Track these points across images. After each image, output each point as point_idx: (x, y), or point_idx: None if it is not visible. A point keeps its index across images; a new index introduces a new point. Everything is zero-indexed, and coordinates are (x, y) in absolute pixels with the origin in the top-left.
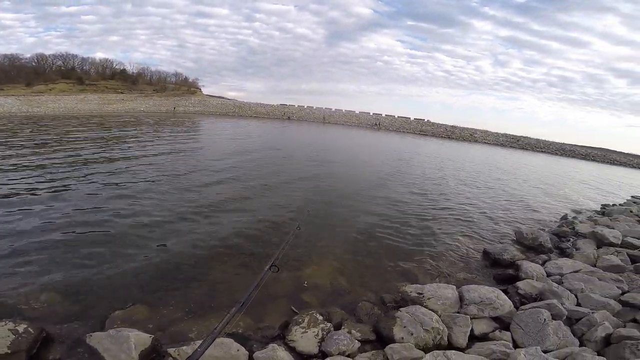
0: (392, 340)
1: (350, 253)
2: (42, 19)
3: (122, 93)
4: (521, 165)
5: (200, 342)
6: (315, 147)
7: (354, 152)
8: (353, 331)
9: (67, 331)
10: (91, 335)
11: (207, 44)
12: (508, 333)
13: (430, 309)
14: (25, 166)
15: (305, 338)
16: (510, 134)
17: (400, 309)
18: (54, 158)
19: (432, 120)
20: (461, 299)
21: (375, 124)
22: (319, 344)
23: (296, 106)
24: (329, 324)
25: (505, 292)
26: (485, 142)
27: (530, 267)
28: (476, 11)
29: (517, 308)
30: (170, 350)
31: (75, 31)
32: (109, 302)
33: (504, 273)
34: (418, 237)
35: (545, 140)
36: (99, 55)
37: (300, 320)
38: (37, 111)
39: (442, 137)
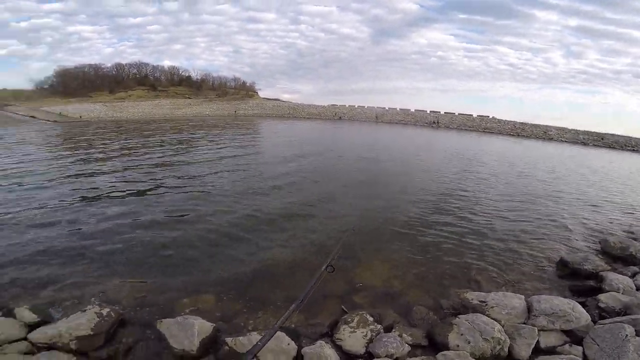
0: (446, 348)
1: (408, 255)
2: (115, 30)
3: (189, 98)
4: (611, 165)
5: (258, 335)
6: (369, 147)
7: (411, 152)
8: (404, 335)
9: (141, 316)
10: (161, 321)
11: (260, 48)
12: (579, 348)
13: (492, 318)
14: (113, 169)
15: (353, 338)
16: (593, 130)
17: (459, 316)
18: (136, 160)
19: (497, 117)
20: (529, 309)
21: (434, 122)
22: (366, 344)
23: (347, 106)
24: (379, 326)
25: (583, 304)
26: (562, 140)
27: (616, 279)
28: (536, 1)
29: (594, 322)
30: (228, 340)
31: (144, 41)
32: (179, 290)
33: (583, 285)
34: (484, 241)
35: (639, 138)
36: (167, 63)
37: (349, 319)
38: (120, 116)
39: (510, 134)
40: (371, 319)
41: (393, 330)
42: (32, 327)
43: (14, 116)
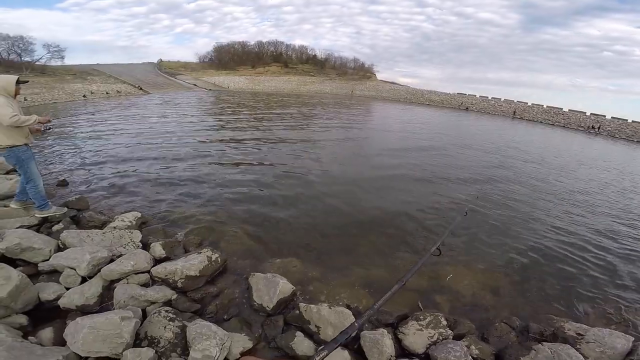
0: None
1: (511, 265)
2: (257, 11)
3: (313, 76)
4: None
5: (328, 307)
6: (502, 146)
7: (556, 161)
8: (472, 347)
9: (241, 266)
10: (254, 275)
11: (381, 30)
12: None
13: (581, 353)
14: (246, 137)
15: (418, 336)
16: None
17: (543, 342)
18: (262, 131)
19: None
20: (631, 352)
21: (592, 127)
22: (428, 345)
23: (477, 96)
24: (450, 332)
25: None
26: None
27: None
28: None
29: None
30: (301, 305)
31: (280, 21)
32: (278, 249)
33: None
34: (612, 272)
35: None
36: (298, 42)
37: (422, 317)
38: (258, 88)
39: None
40: (445, 322)
41: (463, 339)
42: (158, 261)
43: (183, 83)
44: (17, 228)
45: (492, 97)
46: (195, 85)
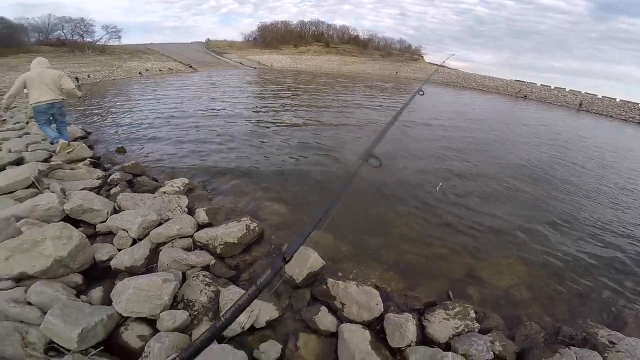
0: None
1: (552, 264)
2: None
3: (355, 56)
4: None
5: (356, 286)
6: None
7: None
8: (497, 343)
9: (276, 236)
10: (287, 245)
11: (428, 12)
12: None
13: None
14: (289, 120)
15: (442, 325)
16: None
17: (570, 347)
18: (300, 113)
19: None
20: None
21: None
22: (451, 336)
23: (538, 85)
24: (477, 324)
25: None
26: None
27: None
28: None
29: None
30: (329, 280)
31: (320, 0)
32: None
33: None
34: None
35: None
36: (338, 22)
37: (450, 307)
38: (300, 67)
39: None
40: (473, 314)
41: (488, 334)
42: (201, 227)
43: (229, 62)
44: (80, 190)
45: (554, 87)
46: (241, 63)
